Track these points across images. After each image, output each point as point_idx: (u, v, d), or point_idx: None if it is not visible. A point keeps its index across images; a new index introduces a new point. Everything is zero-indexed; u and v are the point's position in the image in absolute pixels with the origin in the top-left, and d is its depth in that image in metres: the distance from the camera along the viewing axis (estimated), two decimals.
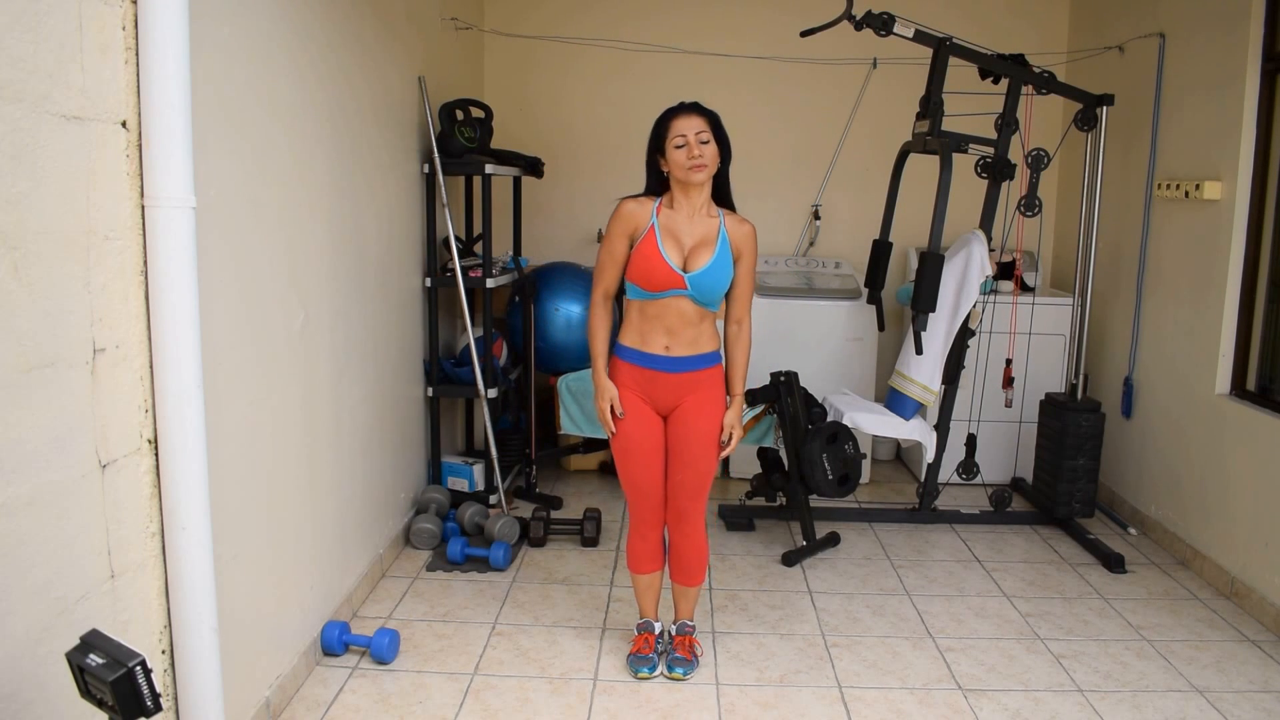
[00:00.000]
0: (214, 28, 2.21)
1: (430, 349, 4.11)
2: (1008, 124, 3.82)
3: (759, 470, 4.16)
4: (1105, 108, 4.01)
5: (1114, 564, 3.77)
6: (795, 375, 3.95)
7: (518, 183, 4.74)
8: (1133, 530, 4.20)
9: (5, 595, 1.63)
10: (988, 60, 3.84)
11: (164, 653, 2.09)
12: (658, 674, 2.92)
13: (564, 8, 5.12)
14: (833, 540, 3.97)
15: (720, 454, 2.83)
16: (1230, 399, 3.62)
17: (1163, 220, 4.10)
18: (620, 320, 2.86)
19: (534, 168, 4.57)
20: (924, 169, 4.20)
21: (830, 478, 3.81)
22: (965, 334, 3.99)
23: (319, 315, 2.90)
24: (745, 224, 2.76)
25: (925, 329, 3.79)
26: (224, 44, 2.26)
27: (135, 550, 1.98)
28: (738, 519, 4.20)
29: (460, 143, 4.03)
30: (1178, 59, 4.03)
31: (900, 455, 5.28)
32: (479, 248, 4.34)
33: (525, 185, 4.86)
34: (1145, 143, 4.21)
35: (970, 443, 4.19)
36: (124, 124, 1.90)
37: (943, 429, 4.12)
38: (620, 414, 2.78)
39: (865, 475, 4.74)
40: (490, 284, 4.10)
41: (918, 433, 4.02)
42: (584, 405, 4.20)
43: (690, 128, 2.64)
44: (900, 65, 4.62)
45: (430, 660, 2.97)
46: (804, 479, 3.86)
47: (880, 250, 4.16)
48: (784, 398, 3.92)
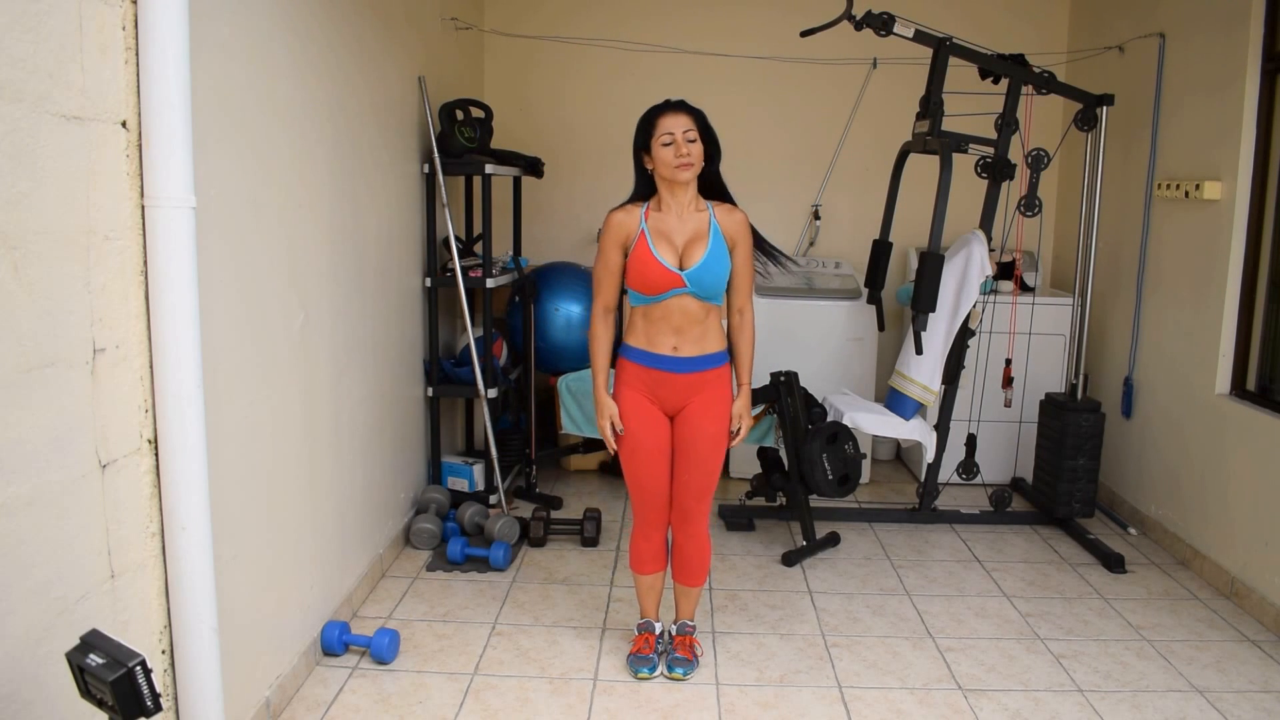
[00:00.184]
0: (214, 27, 2.21)
1: (430, 349, 4.11)
2: (1008, 124, 3.82)
3: (759, 470, 4.16)
4: (1105, 108, 4.01)
5: (1114, 564, 3.77)
6: (795, 375, 3.95)
7: (518, 183, 4.74)
8: (1133, 530, 4.19)
9: (5, 595, 1.63)
10: (988, 60, 3.84)
11: (164, 653, 2.08)
12: (658, 674, 2.92)
13: (564, 8, 5.12)
14: (833, 540, 3.97)
15: (730, 443, 2.83)
16: (1230, 399, 3.62)
17: (1163, 220, 4.10)
18: (624, 323, 2.86)
19: (534, 168, 4.57)
20: (924, 169, 4.20)
21: (830, 478, 3.81)
22: (965, 334, 3.99)
23: (319, 315, 2.90)
24: (736, 212, 2.76)
25: (925, 329, 3.79)
26: (224, 44, 2.26)
27: (135, 550, 1.98)
28: (738, 519, 4.20)
29: (460, 143, 4.03)
30: (1178, 59, 4.03)
31: (900, 455, 5.28)
32: (479, 248, 4.34)
33: (525, 185, 4.86)
34: (1145, 143, 4.21)
35: (970, 443, 4.19)
36: (124, 124, 1.90)
37: (943, 429, 4.12)
38: (620, 430, 2.78)
39: (865, 475, 4.74)
40: (490, 284, 4.10)
41: (918, 433, 4.02)
42: (584, 405, 4.20)
43: (678, 126, 2.63)
44: (900, 65, 4.62)
45: (430, 660, 2.97)
46: (804, 479, 3.86)
47: (880, 250, 4.16)
48: (784, 398, 3.92)
